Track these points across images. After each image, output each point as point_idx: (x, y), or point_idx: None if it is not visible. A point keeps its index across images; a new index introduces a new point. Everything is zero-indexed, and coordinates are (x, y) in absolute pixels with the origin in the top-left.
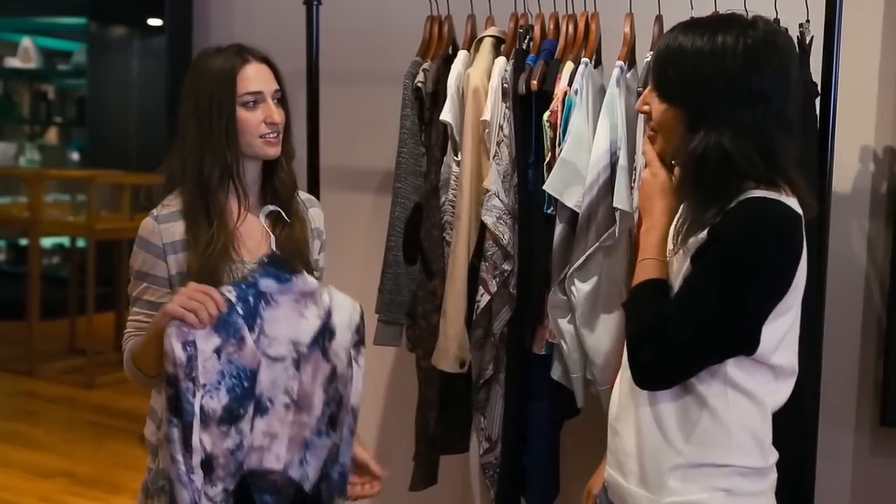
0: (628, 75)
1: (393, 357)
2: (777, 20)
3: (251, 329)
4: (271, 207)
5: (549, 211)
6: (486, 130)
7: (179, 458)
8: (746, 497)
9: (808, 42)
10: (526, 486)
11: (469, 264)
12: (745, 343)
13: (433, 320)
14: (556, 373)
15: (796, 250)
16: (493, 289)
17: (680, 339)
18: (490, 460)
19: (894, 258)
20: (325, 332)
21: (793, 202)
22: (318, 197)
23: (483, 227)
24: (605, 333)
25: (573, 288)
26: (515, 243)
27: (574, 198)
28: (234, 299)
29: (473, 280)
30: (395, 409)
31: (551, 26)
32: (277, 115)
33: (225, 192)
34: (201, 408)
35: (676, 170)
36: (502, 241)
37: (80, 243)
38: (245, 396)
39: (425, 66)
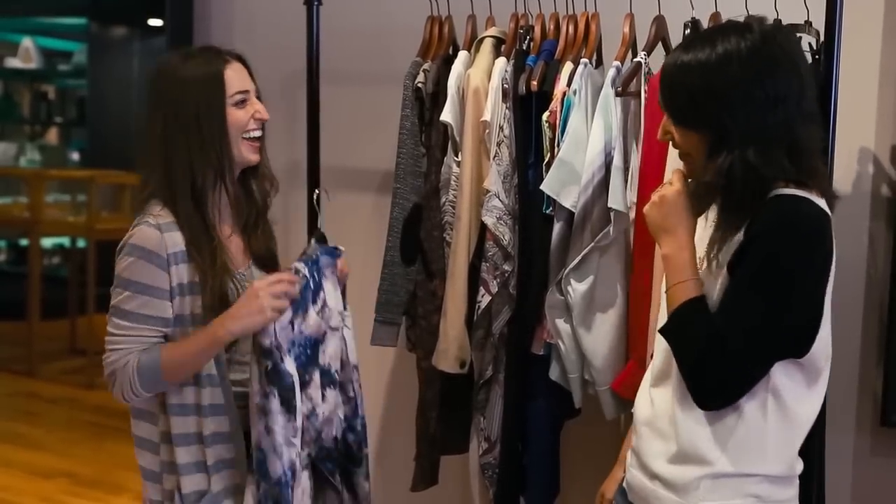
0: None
1: (393, 357)
2: (778, 20)
3: (314, 302)
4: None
5: (548, 211)
6: (487, 131)
7: (278, 427)
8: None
9: (807, 45)
10: (525, 486)
11: (469, 265)
12: (798, 344)
13: (433, 321)
14: (554, 373)
15: (829, 248)
16: (494, 289)
17: (739, 353)
18: (489, 460)
19: (895, 259)
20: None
21: (821, 201)
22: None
23: (483, 228)
24: (601, 333)
25: (569, 288)
26: (516, 244)
27: (571, 198)
28: (307, 274)
29: (473, 280)
30: (395, 410)
31: (551, 27)
32: (264, 111)
33: (216, 202)
34: None
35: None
36: (503, 241)
37: (81, 243)
38: (309, 363)
39: (425, 66)
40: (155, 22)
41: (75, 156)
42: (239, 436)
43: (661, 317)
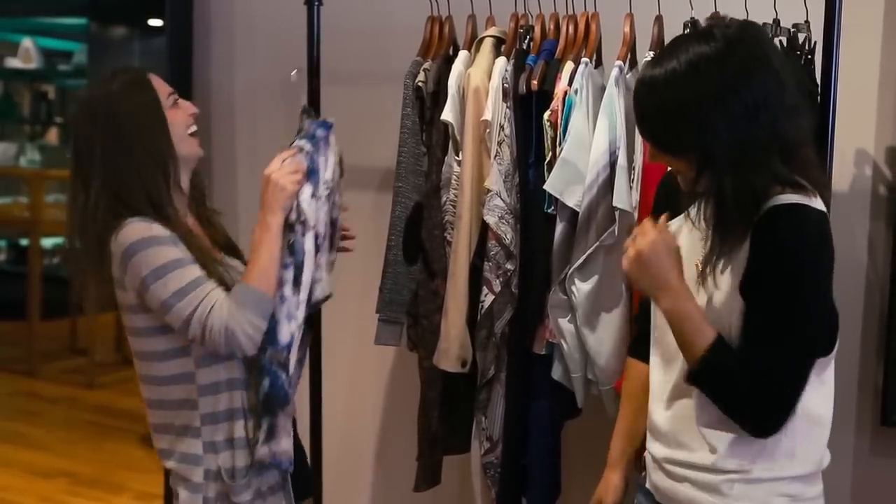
0: (628, 75)
1: (394, 357)
2: (777, 21)
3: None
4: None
5: (550, 210)
6: (487, 130)
7: (289, 294)
8: (808, 502)
9: (801, 43)
10: (527, 486)
11: (470, 264)
12: (827, 345)
13: (435, 320)
14: (556, 373)
15: (832, 247)
16: (497, 289)
17: (784, 381)
18: (491, 460)
19: (894, 259)
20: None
21: (818, 202)
22: None
23: (485, 227)
24: (606, 333)
25: (573, 287)
26: (518, 243)
27: (574, 197)
28: (309, 149)
29: (475, 280)
30: (396, 410)
31: (551, 26)
32: (192, 105)
33: (173, 203)
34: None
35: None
36: (505, 240)
37: None
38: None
39: (426, 65)
40: (155, 22)
41: None
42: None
43: (659, 323)
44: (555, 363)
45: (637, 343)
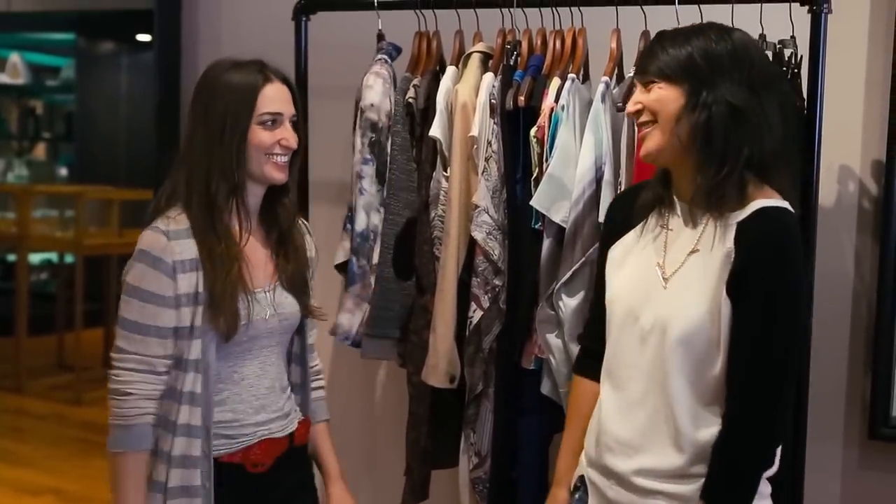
0: (614, 91)
1: (383, 372)
2: (763, 35)
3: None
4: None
5: (536, 226)
6: (475, 146)
7: (374, 189)
8: (766, 499)
9: (787, 58)
10: (516, 501)
11: (459, 280)
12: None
13: (424, 336)
14: (545, 388)
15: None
16: (486, 304)
17: (783, 404)
18: (480, 475)
19: (881, 272)
20: None
21: (790, 207)
22: (307, 210)
23: (473, 243)
24: None
25: (560, 303)
26: (505, 259)
27: (561, 213)
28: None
29: (463, 296)
30: (385, 425)
31: (538, 42)
32: (293, 139)
33: (230, 213)
34: None
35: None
36: (493, 256)
37: (69, 259)
38: None
39: (416, 81)
40: (143, 37)
41: (63, 171)
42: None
43: (609, 353)
44: (543, 378)
45: (583, 360)
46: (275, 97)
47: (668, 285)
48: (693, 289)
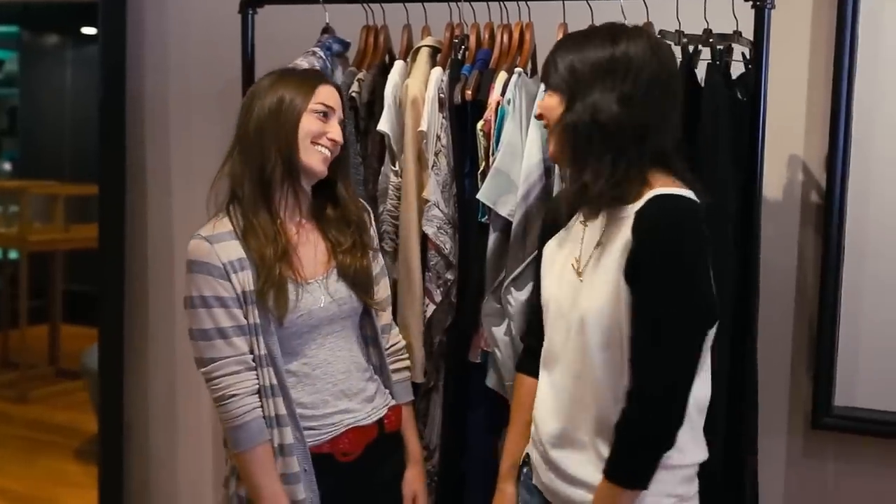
0: None
1: None
2: (708, 30)
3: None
4: None
5: (483, 220)
6: (424, 141)
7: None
8: (691, 501)
9: (741, 54)
10: (464, 493)
11: None
12: (709, 327)
13: None
14: (490, 381)
15: (706, 237)
16: (439, 298)
17: (677, 379)
18: (429, 468)
19: (824, 266)
20: None
21: (692, 195)
22: None
23: (425, 238)
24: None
25: (510, 297)
26: (457, 253)
27: (507, 207)
28: (322, 56)
29: None
30: None
31: (486, 36)
32: (339, 136)
33: (282, 199)
34: None
35: None
36: (444, 250)
37: (13, 255)
38: None
39: (360, 75)
40: (88, 30)
41: (7, 166)
42: None
43: (547, 348)
44: (489, 371)
45: (524, 359)
46: (329, 95)
47: (583, 279)
48: (600, 279)
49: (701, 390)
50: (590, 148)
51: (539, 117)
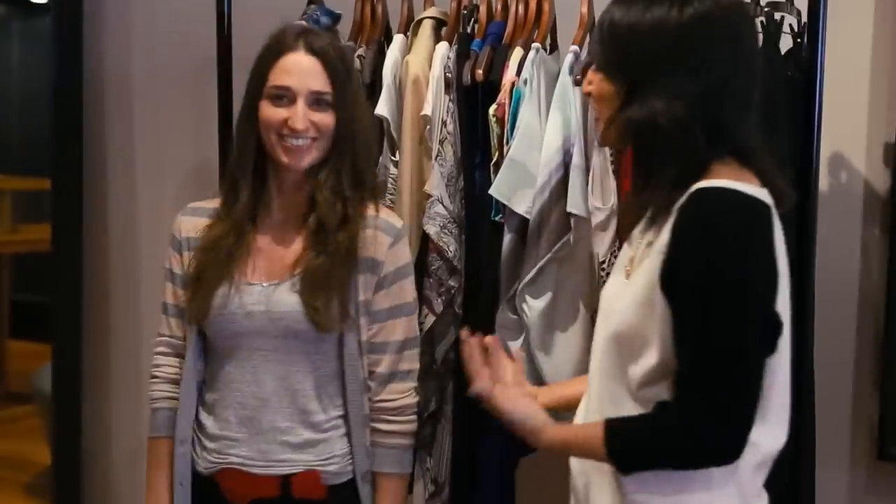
0: (584, 62)
1: None
2: (757, 1)
3: None
4: None
5: (497, 218)
6: (428, 127)
7: None
8: None
9: (777, 24)
10: None
11: None
12: (771, 350)
13: None
14: None
15: (767, 242)
16: (439, 309)
17: (727, 401)
18: None
19: (890, 269)
20: None
21: (757, 191)
22: None
23: (425, 238)
24: (563, 357)
25: (524, 306)
26: (462, 256)
27: (524, 203)
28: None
29: None
30: None
31: (498, 7)
32: (301, 122)
33: (269, 188)
34: None
35: None
36: (447, 253)
37: None
38: None
39: (360, 52)
40: None
41: None
42: None
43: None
44: None
45: None
46: (291, 69)
47: (629, 280)
48: (636, 282)
49: (765, 440)
50: (654, 156)
51: (588, 94)
